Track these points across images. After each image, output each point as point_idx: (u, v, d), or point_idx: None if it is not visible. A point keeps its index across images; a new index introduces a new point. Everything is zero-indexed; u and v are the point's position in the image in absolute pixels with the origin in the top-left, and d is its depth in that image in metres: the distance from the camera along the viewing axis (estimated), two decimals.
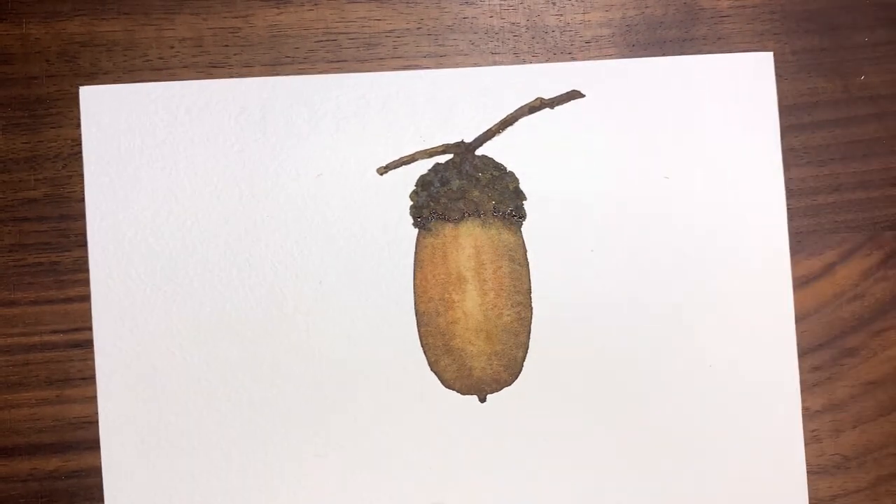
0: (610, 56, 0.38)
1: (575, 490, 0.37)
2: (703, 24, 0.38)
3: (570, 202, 0.37)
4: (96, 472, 0.37)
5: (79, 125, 0.37)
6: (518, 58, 0.38)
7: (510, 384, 0.37)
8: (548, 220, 0.37)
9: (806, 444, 0.37)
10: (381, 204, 0.37)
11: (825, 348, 0.38)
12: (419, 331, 0.37)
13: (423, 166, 0.37)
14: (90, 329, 0.37)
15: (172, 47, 0.38)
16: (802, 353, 0.37)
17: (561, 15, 0.38)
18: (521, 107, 0.37)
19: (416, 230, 0.37)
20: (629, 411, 0.37)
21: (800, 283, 0.37)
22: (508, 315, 0.37)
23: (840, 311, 0.38)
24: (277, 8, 0.38)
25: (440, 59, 0.38)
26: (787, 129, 0.38)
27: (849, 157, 0.38)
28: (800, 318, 0.37)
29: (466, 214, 0.37)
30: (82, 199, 0.37)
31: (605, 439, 0.37)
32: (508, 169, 0.37)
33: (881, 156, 0.38)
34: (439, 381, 0.37)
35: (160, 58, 0.37)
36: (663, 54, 0.38)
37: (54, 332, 0.37)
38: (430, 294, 0.37)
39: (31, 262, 0.37)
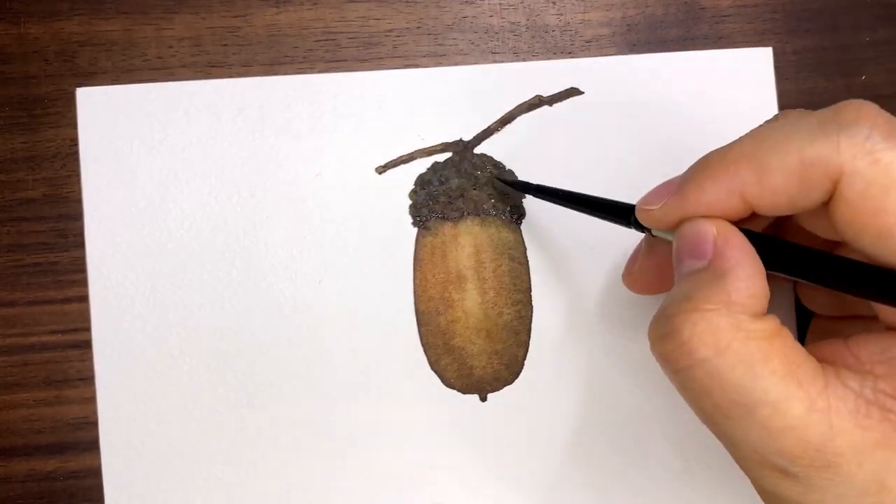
0: (610, 56, 0.38)
1: (576, 489, 0.37)
2: (703, 23, 0.38)
3: None
4: (95, 472, 0.37)
5: (77, 125, 0.37)
6: (518, 57, 0.38)
7: (511, 383, 0.37)
8: (547, 217, 0.37)
9: None
10: (380, 203, 0.37)
11: None
12: (419, 330, 0.37)
13: (422, 165, 0.37)
14: (89, 329, 0.37)
15: (171, 47, 0.38)
16: None
17: (561, 14, 0.38)
18: (520, 104, 0.37)
19: (416, 229, 0.37)
20: (630, 409, 0.37)
21: None
22: (509, 313, 0.37)
23: None
24: (276, 7, 0.38)
25: (440, 59, 0.38)
26: None
27: None
28: (800, 318, 0.37)
29: (466, 213, 0.37)
30: (81, 199, 0.37)
31: (606, 438, 0.37)
32: (507, 167, 0.37)
33: None
34: (440, 381, 0.37)
35: (159, 57, 0.37)
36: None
37: (52, 332, 0.37)
38: (430, 293, 0.37)
39: (30, 263, 0.37)
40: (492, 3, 0.38)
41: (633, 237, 0.37)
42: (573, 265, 0.37)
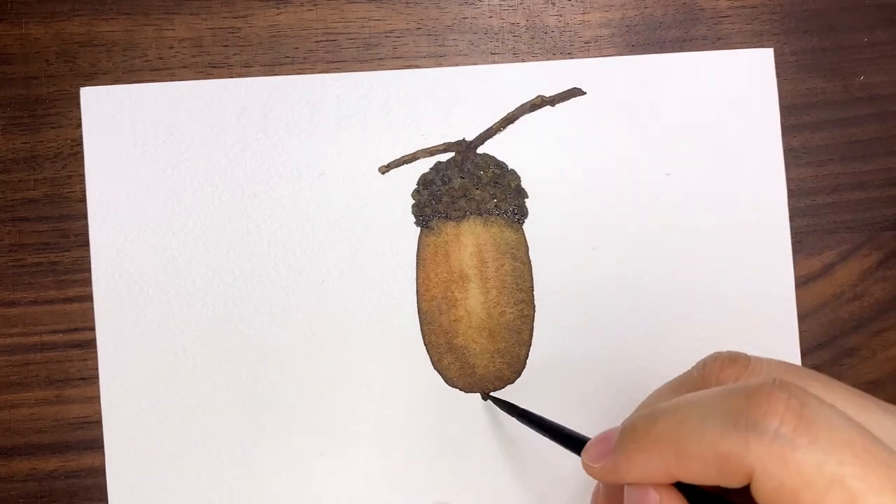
0: (609, 56, 0.38)
1: (577, 488, 0.37)
2: (702, 24, 0.38)
3: (571, 199, 0.37)
4: (96, 472, 0.37)
5: (78, 125, 0.37)
6: (517, 58, 0.38)
7: (513, 382, 0.37)
8: (549, 217, 0.37)
9: None
10: (383, 203, 0.37)
11: (825, 348, 0.38)
12: (422, 329, 0.37)
13: (425, 165, 0.37)
14: (90, 329, 0.37)
15: (172, 47, 0.38)
16: (802, 353, 0.37)
17: (560, 15, 0.38)
18: (523, 105, 0.37)
19: (419, 229, 0.37)
20: (631, 409, 0.37)
21: (799, 283, 0.37)
22: (511, 313, 0.37)
23: (839, 311, 0.38)
24: (277, 8, 0.38)
25: (440, 60, 0.38)
26: (787, 130, 0.38)
27: (848, 157, 0.38)
28: (800, 318, 0.37)
29: (468, 213, 0.37)
30: (82, 199, 0.37)
31: None
32: (510, 167, 0.37)
33: (880, 156, 0.38)
34: (442, 380, 0.37)
35: (160, 58, 0.37)
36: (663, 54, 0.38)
37: (54, 332, 0.37)
38: (433, 292, 0.37)
39: (31, 263, 0.37)
40: (491, 4, 0.38)
41: (633, 240, 0.37)
42: (575, 265, 0.37)
